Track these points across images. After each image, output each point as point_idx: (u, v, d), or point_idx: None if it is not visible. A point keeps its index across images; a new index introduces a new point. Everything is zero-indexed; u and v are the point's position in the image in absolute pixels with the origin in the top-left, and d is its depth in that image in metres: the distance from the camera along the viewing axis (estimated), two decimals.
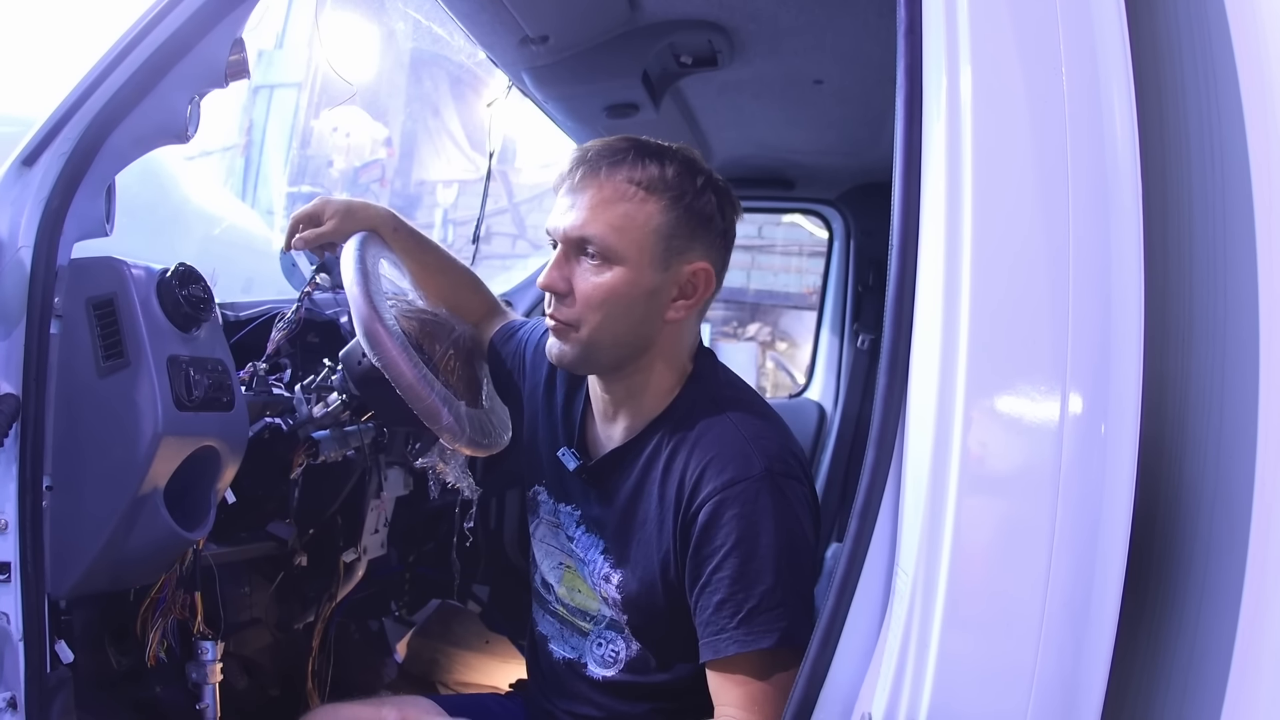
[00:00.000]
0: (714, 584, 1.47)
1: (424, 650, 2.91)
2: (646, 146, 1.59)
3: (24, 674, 1.54)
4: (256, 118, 10.51)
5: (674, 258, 1.56)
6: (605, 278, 1.54)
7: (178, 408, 1.60)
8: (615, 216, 1.54)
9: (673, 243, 1.55)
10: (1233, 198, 1.05)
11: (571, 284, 1.57)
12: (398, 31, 7.26)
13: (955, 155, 1.09)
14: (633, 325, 1.57)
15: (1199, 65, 1.12)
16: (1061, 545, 1.01)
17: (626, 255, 1.54)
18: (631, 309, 1.56)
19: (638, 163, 1.55)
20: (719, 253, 1.63)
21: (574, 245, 1.57)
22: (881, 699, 1.08)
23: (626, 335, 1.58)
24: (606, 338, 1.57)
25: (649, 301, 1.56)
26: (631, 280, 1.54)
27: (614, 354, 1.60)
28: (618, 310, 1.55)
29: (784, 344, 11.52)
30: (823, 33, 2.31)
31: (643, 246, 1.54)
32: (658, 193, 1.54)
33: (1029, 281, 1.06)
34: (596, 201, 1.54)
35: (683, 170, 1.57)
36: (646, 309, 1.57)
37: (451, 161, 11.23)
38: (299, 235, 1.91)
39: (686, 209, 1.56)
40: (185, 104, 1.68)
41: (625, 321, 1.56)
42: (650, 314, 1.58)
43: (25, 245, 1.59)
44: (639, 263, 1.54)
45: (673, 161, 1.57)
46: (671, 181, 1.55)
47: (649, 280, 1.55)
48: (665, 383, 1.64)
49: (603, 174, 1.55)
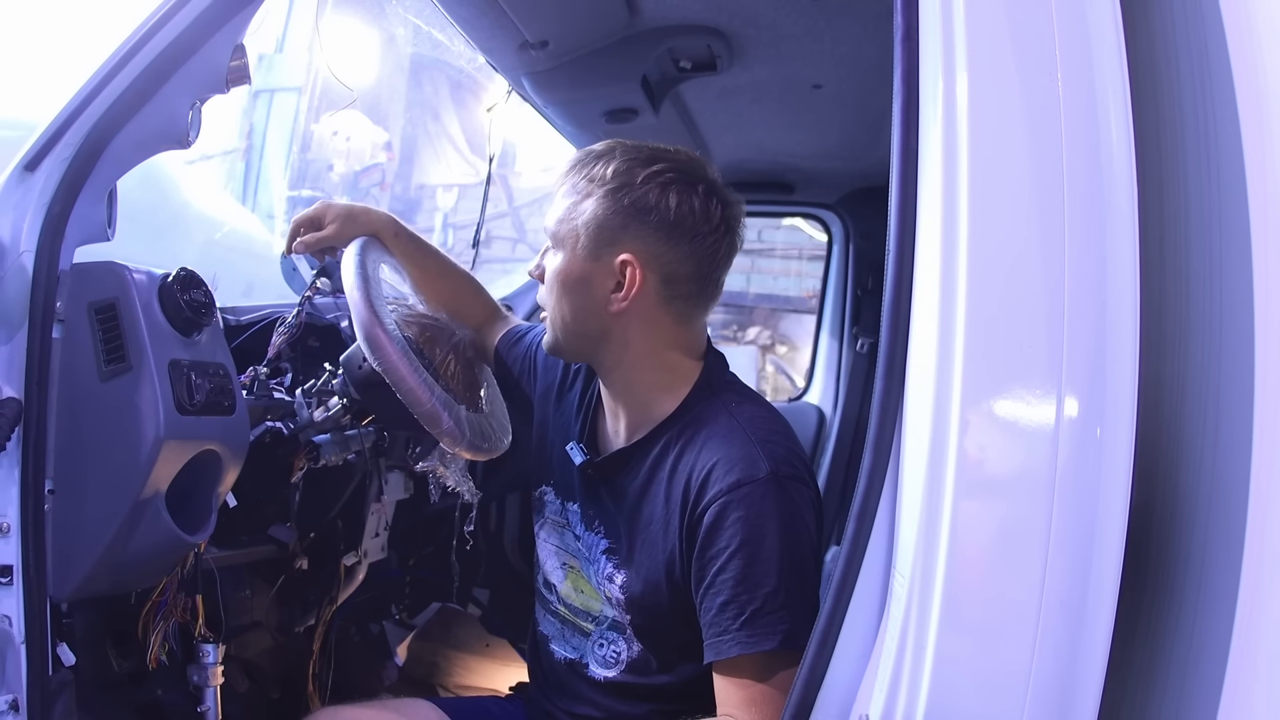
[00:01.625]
0: (718, 585, 1.47)
1: (424, 653, 2.91)
2: (623, 148, 1.64)
3: (26, 676, 1.54)
4: (257, 122, 10.52)
5: (603, 249, 1.60)
6: (552, 265, 1.66)
7: (179, 412, 1.61)
8: (561, 209, 1.65)
9: (601, 233, 1.59)
10: (1228, 201, 1.06)
11: (544, 273, 1.70)
12: (398, 36, 7.27)
13: (951, 160, 1.09)
14: (575, 312, 1.64)
15: (1194, 70, 1.13)
16: (1057, 547, 1.01)
17: (564, 244, 1.64)
18: (570, 295, 1.64)
19: (594, 161, 1.62)
20: (661, 245, 1.59)
21: (549, 238, 1.68)
22: (879, 700, 1.09)
23: (571, 321, 1.65)
24: (558, 321, 1.68)
25: (584, 291, 1.62)
26: (565, 268, 1.64)
27: (571, 340, 1.69)
28: (560, 295, 1.65)
29: (783, 347, 11.52)
30: (821, 38, 2.32)
31: (576, 236, 1.61)
32: (597, 186, 1.60)
33: (1025, 285, 1.06)
34: (557, 197, 1.67)
35: (628, 166, 1.60)
36: (584, 298, 1.63)
37: (451, 166, 11.23)
38: (300, 240, 1.92)
39: (618, 201, 1.58)
40: (186, 109, 1.68)
41: (567, 307, 1.65)
42: (589, 303, 1.62)
43: (27, 250, 1.59)
44: (571, 251, 1.62)
45: (619, 158, 1.61)
46: (610, 177, 1.59)
47: (579, 268, 1.62)
48: (659, 380, 1.65)
49: (570, 174, 1.65)
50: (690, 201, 1.58)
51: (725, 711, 1.46)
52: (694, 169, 1.62)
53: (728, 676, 1.46)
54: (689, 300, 1.64)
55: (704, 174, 1.62)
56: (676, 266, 1.60)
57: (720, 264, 1.65)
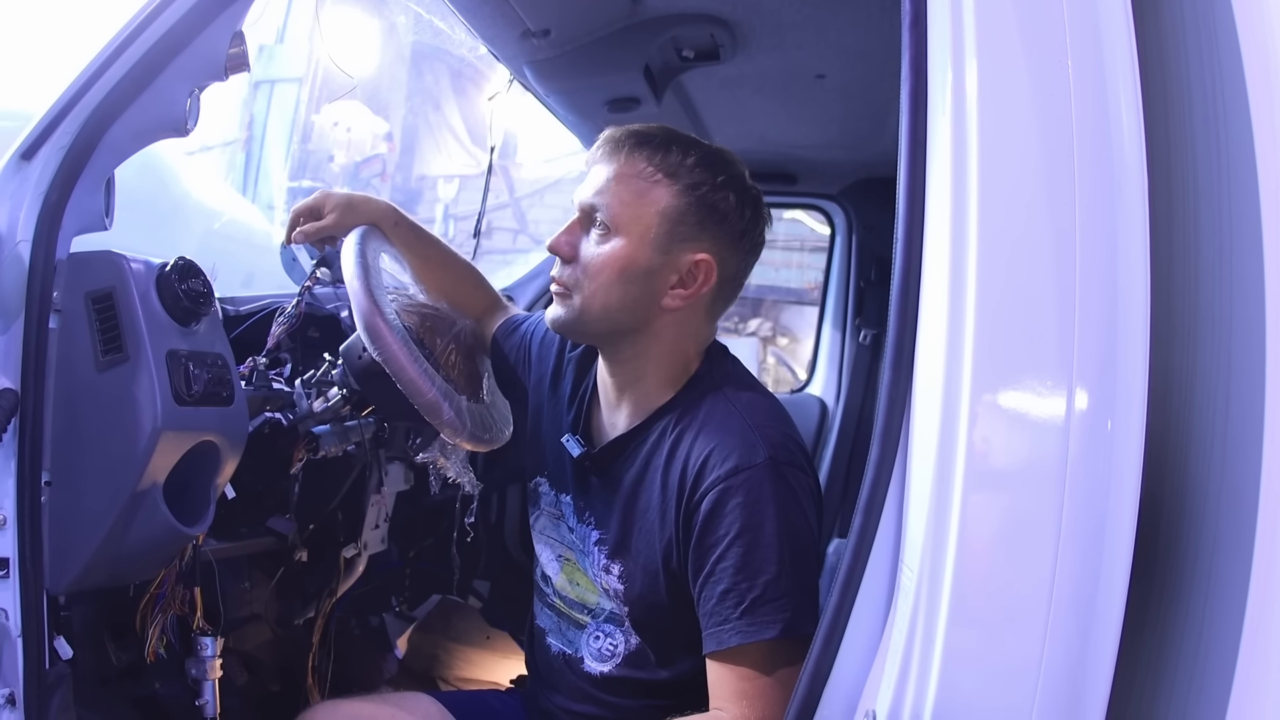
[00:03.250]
0: (717, 574, 1.46)
1: (425, 646, 2.91)
2: (677, 136, 1.61)
3: (23, 670, 1.54)
4: (257, 113, 10.53)
5: (676, 244, 1.57)
6: (605, 248, 1.58)
7: (177, 402, 1.59)
8: (626, 192, 1.58)
9: (678, 229, 1.57)
10: (1238, 192, 1.05)
11: (576, 251, 1.62)
12: (399, 26, 7.27)
13: (960, 149, 1.08)
14: (624, 301, 1.59)
15: (1204, 58, 1.12)
16: (1067, 541, 1.00)
17: (628, 230, 1.57)
18: (626, 284, 1.58)
19: (662, 148, 1.58)
20: (729, 250, 1.62)
21: (585, 214, 1.62)
22: (886, 696, 1.08)
23: (616, 309, 1.60)
24: (597, 307, 1.60)
25: (644, 281, 1.58)
26: (628, 255, 1.57)
27: (603, 325, 1.62)
28: (611, 282, 1.58)
29: (785, 339, 11.53)
30: (825, 27, 2.31)
31: (646, 225, 1.56)
32: (672, 177, 1.57)
33: (1035, 276, 1.05)
34: (613, 176, 1.59)
35: (705, 163, 1.58)
36: (641, 289, 1.58)
37: (452, 156, 11.24)
38: (299, 229, 1.91)
39: (699, 199, 1.57)
40: (185, 97, 1.67)
41: (617, 294, 1.58)
42: (644, 294, 1.59)
43: (24, 239, 1.58)
44: (639, 239, 1.57)
45: (696, 152, 1.59)
46: (689, 169, 1.57)
47: (645, 259, 1.57)
48: (669, 374, 1.64)
49: (625, 151, 1.60)
50: (760, 213, 1.66)
51: (720, 703, 1.45)
52: (749, 177, 1.65)
53: (726, 666, 1.45)
54: (725, 302, 1.69)
55: (753, 183, 1.66)
56: (734, 272, 1.65)
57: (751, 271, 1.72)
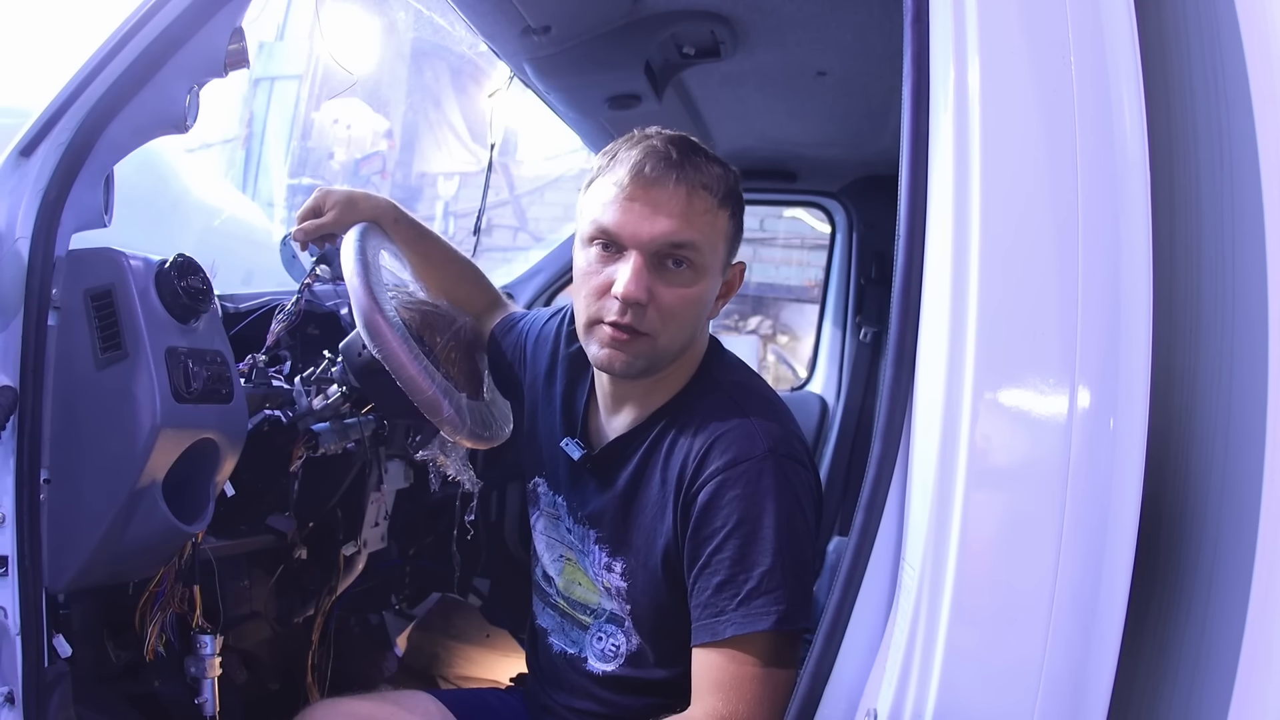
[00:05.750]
0: (714, 565, 1.46)
1: (424, 644, 2.91)
2: (699, 147, 1.56)
3: (21, 668, 1.54)
4: (257, 110, 10.52)
5: (729, 260, 1.60)
6: (694, 290, 1.52)
7: (176, 400, 1.59)
8: (705, 225, 1.51)
9: (732, 246, 1.60)
10: (1240, 189, 1.05)
11: (652, 294, 1.50)
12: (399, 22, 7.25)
13: (963, 145, 1.08)
14: (694, 331, 1.58)
15: (1206, 53, 1.12)
16: (1070, 540, 1.00)
17: (710, 265, 1.54)
18: (700, 316, 1.57)
19: (705, 165, 1.53)
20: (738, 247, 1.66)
21: (660, 253, 1.50)
22: (887, 695, 1.08)
23: (689, 342, 1.59)
24: (675, 347, 1.56)
25: (709, 303, 1.58)
26: (710, 289, 1.56)
27: (673, 360, 1.59)
28: (690, 319, 1.55)
29: (785, 337, 11.51)
30: (826, 24, 2.30)
31: (719, 255, 1.56)
32: (726, 200, 1.54)
33: (1037, 273, 1.05)
34: (687, 210, 1.49)
35: (734, 175, 1.58)
36: (704, 310, 1.58)
37: (453, 153, 11.22)
38: (299, 227, 1.90)
39: (737, 216, 1.59)
40: (184, 94, 1.67)
41: (692, 329, 1.57)
42: (705, 314, 1.59)
43: (23, 236, 1.58)
44: (715, 271, 1.56)
45: (721, 164, 1.57)
46: (733, 188, 1.56)
47: (717, 287, 1.59)
48: (678, 374, 1.64)
49: (689, 177, 1.50)
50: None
51: (703, 695, 1.44)
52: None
53: (716, 657, 1.44)
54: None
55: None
56: None
57: None
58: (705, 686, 1.44)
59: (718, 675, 1.43)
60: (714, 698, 1.42)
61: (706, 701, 1.42)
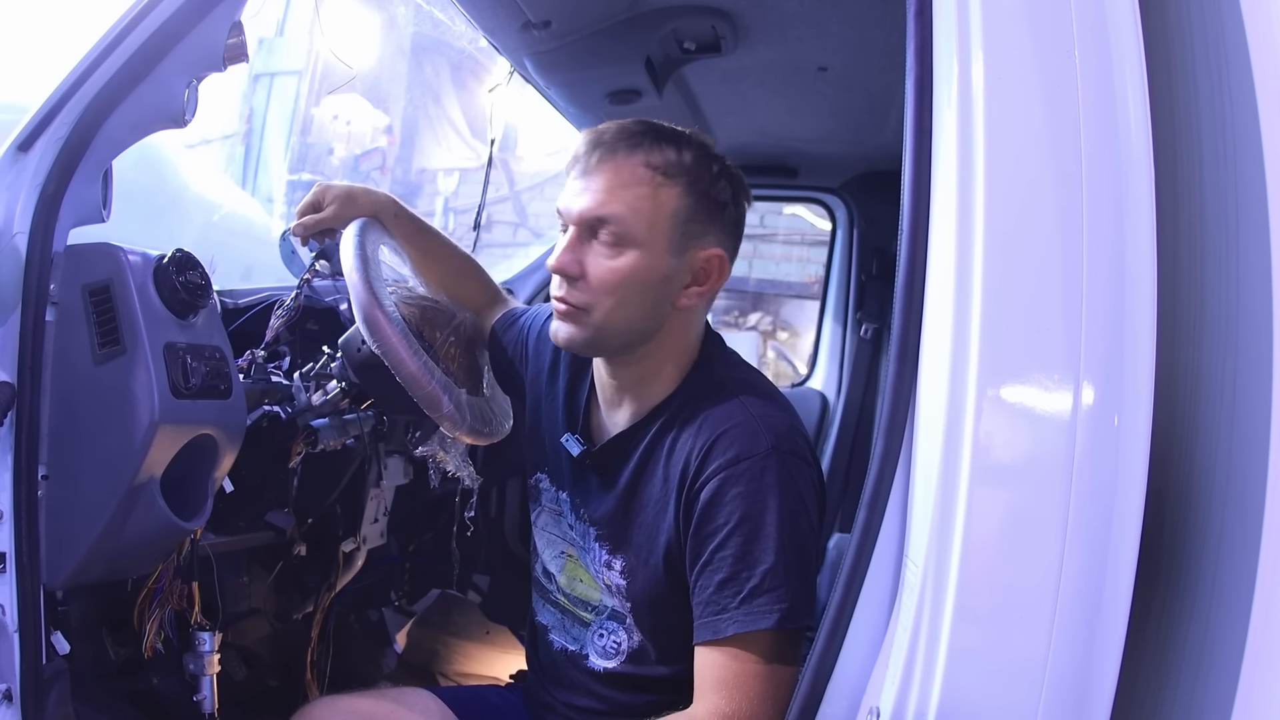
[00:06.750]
0: (716, 563, 1.45)
1: (424, 640, 2.91)
2: (662, 130, 1.57)
3: (19, 666, 1.53)
4: (257, 105, 10.51)
5: (689, 243, 1.55)
6: (620, 261, 1.53)
7: (174, 395, 1.59)
8: (632, 199, 1.52)
9: (689, 228, 1.54)
10: (1244, 187, 1.04)
11: (584, 267, 1.54)
12: (398, 18, 7.24)
13: (966, 140, 1.08)
14: (645, 311, 1.56)
15: (1210, 49, 1.11)
16: (1074, 537, 1.00)
17: (642, 239, 1.52)
18: (645, 294, 1.55)
19: (655, 147, 1.54)
20: (731, 240, 1.61)
21: (588, 227, 1.54)
22: (890, 693, 1.07)
23: (639, 321, 1.57)
24: (619, 323, 1.56)
25: (662, 287, 1.55)
26: (647, 265, 1.53)
27: (624, 339, 1.58)
28: (631, 295, 1.54)
29: (785, 333, 11.52)
30: (827, 19, 2.30)
31: (659, 230, 1.53)
32: (675, 177, 1.53)
33: (1041, 270, 1.05)
34: (614, 184, 1.52)
35: (699, 156, 1.56)
36: (659, 294, 1.56)
37: (453, 149, 11.21)
38: (298, 222, 1.90)
39: (703, 195, 1.55)
40: (183, 88, 1.66)
41: (638, 307, 1.55)
42: (662, 300, 1.56)
43: (20, 231, 1.57)
44: (655, 247, 1.53)
45: (689, 147, 1.56)
46: (689, 166, 1.54)
47: (664, 265, 1.54)
48: (672, 368, 1.63)
49: (620, 156, 1.53)
50: (747, 198, 1.63)
51: (704, 693, 1.44)
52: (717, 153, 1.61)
53: (715, 656, 1.44)
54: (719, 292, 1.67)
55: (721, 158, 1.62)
56: (733, 262, 1.63)
57: None
58: (708, 684, 1.43)
59: (721, 673, 1.42)
60: (717, 695, 1.41)
61: (709, 699, 1.42)
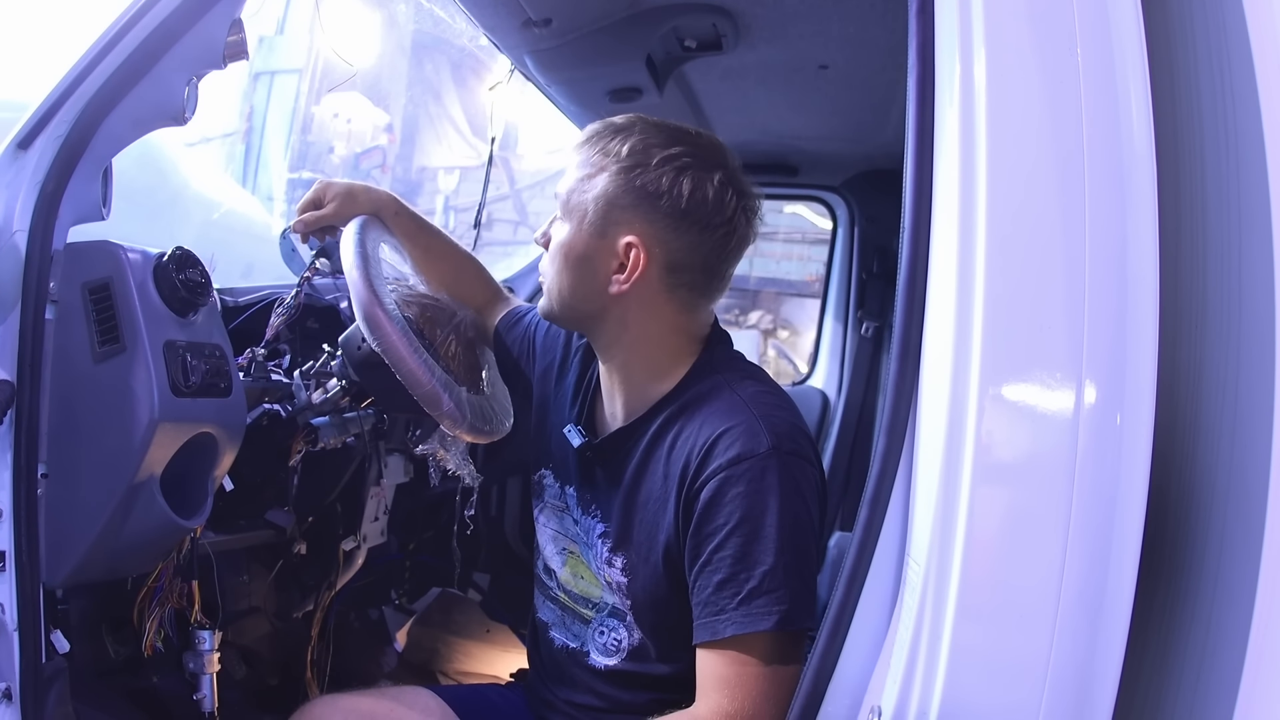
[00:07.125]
0: (715, 563, 1.45)
1: (424, 639, 2.91)
2: (635, 124, 1.60)
3: (19, 664, 1.53)
4: (257, 104, 10.53)
5: (610, 227, 1.57)
6: (559, 236, 1.64)
7: (174, 394, 1.59)
8: (573, 180, 1.61)
9: (611, 213, 1.57)
10: (1247, 183, 1.04)
11: (548, 239, 1.68)
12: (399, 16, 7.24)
13: (969, 138, 1.08)
14: (575, 287, 1.62)
15: (1213, 47, 1.11)
16: (1076, 535, 1.00)
17: (572, 216, 1.61)
18: (571, 270, 1.62)
19: (607, 136, 1.60)
20: (669, 231, 1.56)
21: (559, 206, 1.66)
22: (892, 692, 1.07)
23: (569, 296, 1.64)
24: (555, 293, 1.66)
25: (585, 267, 1.60)
26: (570, 241, 1.62)
27: (566, 312, 1.68)
28: (564, 268, 1.63)
29: (785, 331, 11.54)
30: (828, 17, 2.29)
31: (585, 210, 1.59)
32: (611, 162, 1.57)
33: (1044, 268, 1.04)
34: (571, 167, 1.63)
35: (644, 145, 1.56)
36: (584, 274, 1.61)
37: (453, 147, 11.23)
38: (299, 219, 1.90)
39: (630, 181, 1.55)
40: (183, 86, 1.66)
41: (567, 281, 1.63)
42: (590, 281, 1.61)
43: (20, 229, 1.57)
44: (578, 225, 1.60)
45: (640, 137, 1.57)
46: (625, 154, 1.56)
47: (583, 244, 1.60)
48: (657, 363, 1.63)
49: (585, 144, 1.62)
50: (704, 190, 1.55)
51: (705, 694, 1.44)
52: (712, 156, 1.58)
53: (715, 657, 1.44)
54: (693, 290, 1.62)
55: (723, 161, 1.59)
56: (682, 255, 1.58)
57: (729, 257, 1.63)
58: (710, 684, 1.43)
59: (722, 672, 1.42)
60: (719, 694, 1.41)
61: (712, 698, 1.42)
